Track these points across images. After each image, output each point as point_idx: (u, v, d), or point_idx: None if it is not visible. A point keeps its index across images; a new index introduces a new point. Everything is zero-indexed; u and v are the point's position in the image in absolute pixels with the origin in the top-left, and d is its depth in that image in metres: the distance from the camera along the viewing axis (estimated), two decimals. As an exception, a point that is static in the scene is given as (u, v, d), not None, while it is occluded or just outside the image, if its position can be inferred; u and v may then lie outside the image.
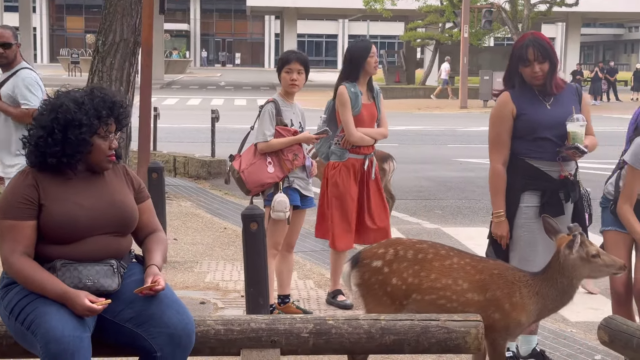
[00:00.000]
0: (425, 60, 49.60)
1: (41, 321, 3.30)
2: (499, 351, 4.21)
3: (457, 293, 4.16)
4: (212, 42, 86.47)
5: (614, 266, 4.07)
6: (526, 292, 4.13)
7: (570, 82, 5.09)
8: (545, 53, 4.72)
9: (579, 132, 4.65)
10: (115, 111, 3.55)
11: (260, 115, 5.85)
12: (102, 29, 11.64)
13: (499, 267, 4.27)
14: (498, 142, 4.84)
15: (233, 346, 3.74)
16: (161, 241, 3.74)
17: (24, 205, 3.44)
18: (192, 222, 9.55)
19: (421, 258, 4.25)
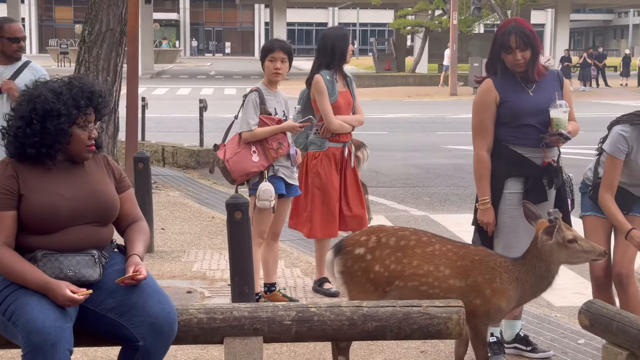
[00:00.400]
0: (415, 48, 49.57)
1: (22, 312, 3.29)
2: (481, 336, 4.23)
3: (439, 279, 4.18)
4: (202, 31, 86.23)
5: (593, 252, 4.07)
6: (506, 278, 4.14)
7: (554, 69, 5.09)
8: (528, 41, 4.72)
9: (562, 118, 4.66)
10: (94, 101, 3.54)
11: (244, 104, 5.84)
12: (89, 19, 11.61)
13: (480, 253, 4.28)
14: (482, 129, 4.85)
15: (216, 335, 3.74)
16: (143, 231, 3.74)
17: (3, 196, 3.43)
18: (180, 212, 9.54)
19: (403, 245, 4.26)
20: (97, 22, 11.47)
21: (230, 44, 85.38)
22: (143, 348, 3.46)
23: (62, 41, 54.82)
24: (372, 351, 5.11)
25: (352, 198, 6.38)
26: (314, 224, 6.25)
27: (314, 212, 6.24)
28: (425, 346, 5.17)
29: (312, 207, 6.24)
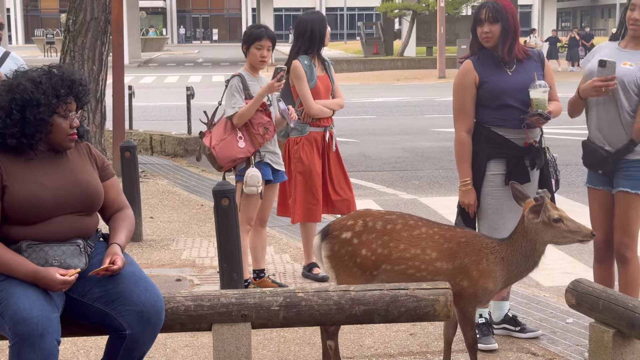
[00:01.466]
0: (402, 31, 49.48)
1: (8, 303, 3.29)
2: (469, 318, 4.24)
3: (426, 262, 4.18)
4: (189, 18, 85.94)
5: (579, 233, 4.03)
6: (493, 259, 4.14)
7: (536, 49, 5.07)
8: (498, 15, 4.71)
9: (542, 99, 4.66)
10: (74, 89, 3.52)
11: (226, 89, 5.82)
12: (73, 8, 11.57)
13: (467, 235, 4.29)
14: (462, 111, 4.85)
15: (204, 321, 3.75)
16: (127, 218, 3.73)
17: (-14, 187, 3.43)
18: (169, 200, 9.53)
19: (390, 229, 4.26)
20: (81, 11, 11.43)
21: (217, 30, 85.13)
22: (130, 337, 3.47)
23: (48, 31, 54.53)
24: (362, 335, 5.13)
25: (337, 181, 6.38)
26: (297, 209, 6.26)
27: (297, 198, 6.24)
28: (415, 329, 5.19)
29: (296, 192, 6.24)
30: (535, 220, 4.04)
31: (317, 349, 4.93)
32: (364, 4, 73.08)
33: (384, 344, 5.01)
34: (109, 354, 3.54)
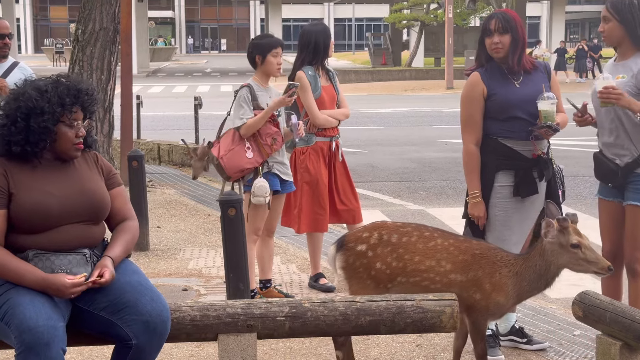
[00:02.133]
0: (410, 42, 49.53)
1: (15, 312, 3.29)
2: (480, 330, 4.22)
3: (441, 274, 4.15)
4: (197, 28, 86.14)
5: (596, 264, 3.94)
6: (506, 272, 4.10)
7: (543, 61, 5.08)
8: (507, 25, 4.71)
9: (550, 110, 4.64)
10: (80, 99, 3.53)
11: (235, 100, 5.83)
12: (82, 18, 11.62)
13: (482, 247, 4.25)
14: (470, 123, 4.84)
15: (210, 331, 3.74)
16: (128, 230, 3.70)
17: (-6, 195, 3.44)
18: (176, 210, 9.54)
19: (405, 241, 4.23)
20: (90, 21, 11.47)
21: (226, 41, 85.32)
22: (136, 346, 3.46)
23: (58, 41, 54.73)
24: (368, 346, 5.12)
25: (343, 191, 6.38)
26: (303, 219, 6.26)
27: (303, 207, 6.24)
28: (421, 340, 5.17)
29: (302, 202, 6.24)
30: (552, 240, 3.97)
31: (322, 359, 4.93)
32: (372, 14, 73.18)
33: (390, 355, 5.00)
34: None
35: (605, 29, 4.65)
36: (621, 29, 4.59)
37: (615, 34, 4.62)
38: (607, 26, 4.63)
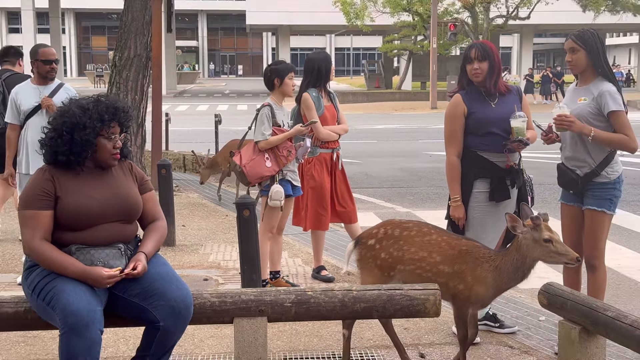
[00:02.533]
0: (400, 68, 49.56)
1: (59, 297, 3.29)
2: (462, 316, 4.16)
3: (431, 264, 4.13)
4: (218, 56, 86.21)
5: (566, 256, 3.88)
6: (487, 267, 4.04)
7: (515, 85, 5.07)
8: (485, 54, 4.73)
9: (521, 127, 4.65)
10: (117, 115, 3.54)
11: (257, 117, 5.84)
12: (119, 46, 11.63)
13: (468, 244, 4.19)
14: (453, 138, 4.84)
15: (226, 315, 3.75)
16: (158, 229, 3.71)
17: (42, 197, 3.44)
18: (199, 211, 9.53)
19: (405, 235, 4.23)
20: (126, 49, 11.49)
21: (242, 66, 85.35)
22: (164, 328, 3.47)
23: (98, 66, 54.83)
24: (363, 328, 5.10)
25: (341, 195, 6.40)
26: (308, 219, 6.27)
27: (309, 209, 6.25)
28: (408, 324, 5.16)
29: (308, 204, 6.25)
30: (527, 236, 3.92)
31: (324, 340, 4.91)
32: (367, 45, 73.22)
33: (382, 337, 4.98)
34: (145, 343, 3.54)
35: (573, 58, 4.62)
36: (587, 58, 4.57)
37: (582, 62, 4.59)
38: (574, 56, 4.61)
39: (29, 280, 3.48)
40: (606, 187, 4.58)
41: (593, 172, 4.58)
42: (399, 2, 39.36)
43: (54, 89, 6.37)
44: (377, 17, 39.97)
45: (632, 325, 3.45)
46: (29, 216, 3.43)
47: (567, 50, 4.65)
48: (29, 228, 3.42)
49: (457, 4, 38.16)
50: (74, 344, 3.22)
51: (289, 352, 4.70)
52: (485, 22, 37.73)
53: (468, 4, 37.13)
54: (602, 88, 4.56)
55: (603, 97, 4.52)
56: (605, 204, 4.57)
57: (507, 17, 38.79)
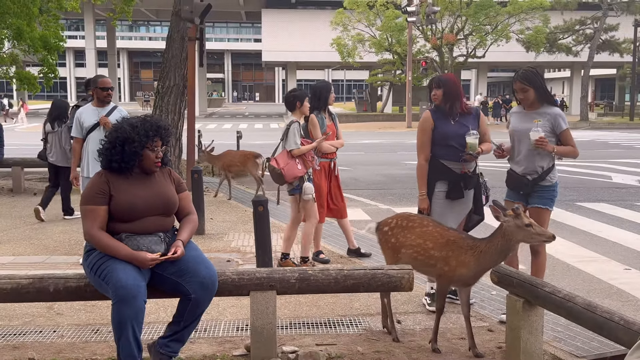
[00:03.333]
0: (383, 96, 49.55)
1: (112, 275, 3.28)
2: (442, 293, 4.09)
3: (424, 250, 4.07)
4: (239, 85, 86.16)
5: (544, 235, 3.74)
6: (471, 253, 3.91)
7: (475, 107, 5.02)
8: (440, 83, 4.77)
9: (474, 143, 4.63)
10: (160, 132, 3.52)
11: (289, 131, 5.87)
12: (161, 77, 11.63)
13: (455, 236, 4.06)
14: (423, 147, 4.83)
15: (244, 289, 3.73)
16: (191, 221, 3.67)
17: (99, 195, 3.42)
18: (223, 207, 9.49)
19: (410, 225, 4.20)
20: (167, 79, 11.48)
21: (259, 94, 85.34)
22: (194, 299, 3.44)
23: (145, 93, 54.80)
24: (352, 300, 5.08)
25: (334, 196, 6.42)
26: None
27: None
28: (388, 296, 5.12)
29: None
30: (510, 223, 3.76)
31: (321, 309, 4.88)
32: (357, 77, 73.25)
33: (367, 306, 4.96)
34: (179, 311, 3.52)
35: (525, 96, 4.54)
36: (534, 93, 4.53)
37: (531, 97, 4.54)
38: (525, 94, 4.54)
39: (88, 261, 3.45)
40: (549, 189, 4.56)
41: (540, 177, 4.55)
42: (382, 44, 39.36)
43: (109, 110, 6.36)
44: (365, 56, 39.97)
45: (564, 299, 3.42)
46: (89, 210, 3.41)
47: (518, 90, 4.56)
48: (88, 220, 3.40)
49: (428, 45, 38.16)
50: (123, 312, 3.20)
51: (294, 319, 4.68)
52: (449, 59, 37.73)
53: (436, 45, 37.13)
54: (554, 111, 4.55)
55: (556, 119, 4.52)
56: (548, 202, 4.56)
57: (467, 55, 38.80)
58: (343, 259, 6.31)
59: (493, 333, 4.38)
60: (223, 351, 4.00)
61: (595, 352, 3.99)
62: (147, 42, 78.24)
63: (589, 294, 5.43)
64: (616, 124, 37.00)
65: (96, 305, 4.85)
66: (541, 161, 4.55)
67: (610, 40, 39.34)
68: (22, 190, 11.00)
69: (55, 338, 4.26)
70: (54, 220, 8.36)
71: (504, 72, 75.53)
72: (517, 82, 4.56)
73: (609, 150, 20.93)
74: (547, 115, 4.56)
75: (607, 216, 9.11)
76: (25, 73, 13.17)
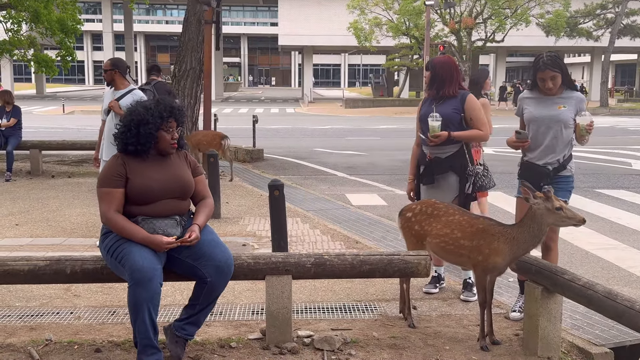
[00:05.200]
0: (400, 81, 49.24)
1: (128, 257, 3.27)
2: (481, 283, 3.88)
3: (453, 239, 3.93)
4: (256, 70, 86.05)
5: (575, 219, 3.59)
6: (504, 240, 3.76)
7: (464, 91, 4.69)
8: (429, 65, 4.67)
9: (432, 126, 4.47)
10: (173, 113, 3.49)
11: None
12: (178, 61, 11.62)
13: (485, 223, 3.90)
14: (416, 130, 4.82)
15: (260, 274, 3.72)
16: (207, 205, 3.65)
17: (116, 178, 3.41)
18: (239, 191, 9.48)
19: (435, 213, 4.07)
20: (183, 63, 11.47)
21: (274, 78, 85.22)
22: (210, 283, 3.44)
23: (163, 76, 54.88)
24: (367, 285, 5.05)
25: None
26: None
27: None
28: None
29: None
30: (540, 206, 3.61)
31: (336, 295, 4.86)
32: (374, 62, 72.72)
33: (383, 292, 4.94)
34: (195, 294, 3.52)
35: (554, 83, 4.25)
36: (561, 78, 4.27)
37: (559, 83, 4.27)
38: (554, 82, 4.24)
39: (105, 244, 3.46)
40: (568, 180, 4.33)
41: (562, 166, 4.30)
42: (400, 28, 39.02)
43: (124, 92, 6.33)
44: (382, 40, 39.67)
45: (584, 287, 3.37)
46: (105, 192, 3.40)
47: (547, 79, 4.24)
48: (105, 202, 3.39)
49: (446, 29, 37.77)
50: (139, 294, 3.20)
51: (309, 303, 4.67)
52: (468, 44, 37.33)
53: (454, 29, 36.74)
54: (578, 96, 4.33)
55: (581, 103, 4.30)
56: (566, 194, 4.31)
57: (486, 40, 38.36)
58: (359, 244, 6.28)
59: (510, 320, 4.34)
60: (238, 334, 4.01)
61: (615, 340, 3.94)
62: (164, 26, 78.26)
63: (608, 282, 5.36)
64: (637, 110, 36.47)
65: (113, 287, 4.87)
66: (564, 149, 4.31)
67: (632, 25, 38.68)
68: (40, 172, 11.09)
69: (72, 319, 4.29)
70: (73, 203, 8.41)
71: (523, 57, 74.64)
72: (546, 71, 4.22)
73: (629, 136, 20.64)
74: (572, 99, 4.30)
75: (627, 203, 8.99)
76: (43, 56, 13.22)
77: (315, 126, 24.20)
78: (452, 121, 4.56)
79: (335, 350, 3.75)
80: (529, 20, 36.90)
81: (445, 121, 4.53)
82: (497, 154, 14.42)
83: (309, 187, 10.31)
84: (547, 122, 4.30)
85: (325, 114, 32.80)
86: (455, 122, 4.56)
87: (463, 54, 36.86)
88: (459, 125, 4.58)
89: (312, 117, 29.90)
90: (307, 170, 12.35)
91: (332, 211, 7.96)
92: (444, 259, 4.06)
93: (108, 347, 3.76)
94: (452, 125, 4.55)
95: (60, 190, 9.39)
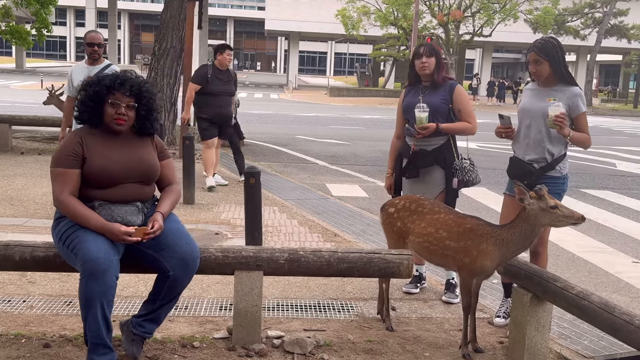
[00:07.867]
0: (385, 71, 48.95)
1: (81, 246, 2.95)
2: (466, 287, 3.61)
3: (437, 239, 3.64)
4: (241, 54, 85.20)
5: (572, 217, 3.32)
6: (493, 241, 3.49)
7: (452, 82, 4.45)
8: (433, 51, 4.35)
9: (420, 117, 4.22)
10: (124, 86, 3.14)
11: None
12: (158, 39, 11.24)
13: (472, 222, 3.62)
14: (396, 123, 4.58)
15: (228, 268, 3.43)
16: (173, 191, 3.34)
17: (71, 157, 3.08)
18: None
19: (419, 210, 3.78)
20: (164, 41, 11.08)
21: (260, 63, 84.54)
22: (172, 277, 3.14)
23: (145, 56, 54.24)
24: (345, 283, 4.79)
25: None
26: None
27: None
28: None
29: None
30: (534, 206, 3.37)
31: (311, 291, 4.59)
32: (360, 51, 72.40)
33: (360, 290, 4.67)
34: (156, 289, 3.21)
35: (537, 70, 3.95)
36: (549, 67, 3.94)
37: (545, 71, 3.96)
38: (538, 67, 3.95)
39: (57, 230, 3.13)
40: (557, 181, 3.99)
41: (549, 166, 3.98)
42: (388, 17, 38.71)
43: (101, 68, 6.01)
44: (370, 29, 39.37)
45: (578, 296, 3.12)
46: (59, 173, 3.07)
47: (531, 62, 3.97)
48: (58, 183, 3.07)
49: (434, 21, 37.54)
50: (91, 288, 2.88)
51: (282, 300, 4.38)
52: (455, 37, 37.15)
53: (443, 22, 36.53)
54: (574, 91, 3.97)
55: (574, 99, 3.94)
56: (555, 197, 4.06)
57: (473, 34, 38.21)
58: (337, 237, 6.00)
59: (493, 326, 4.10)
60: (203, 332, 3.71)
61: (604, 352, 3.71)
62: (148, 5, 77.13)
63: (596, 288, 5.15)
64: (620, 110, 36.70)
65: (72, 275, 4.52)
66: (552, 147, 3.98)
67: (619, 26, 38.77)
68: (9, 148, 10.65)
69: (24, 309, 3.96)
70: (39, 182, 8.02)
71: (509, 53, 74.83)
72: (531, 53, 3.96)
73: (613, 137, 20.62)
74: (565, 93, 3.96)
75: (613, 205, 8.82)
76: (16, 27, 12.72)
77: (299, 113, 23.80)
78: (440, 112, 4.31)
79: (307, 354, 3.47)
80: (517, 16, 36.82)
81: (433, 112, 4.27)
82: (481, 148, 14.22)
83: (289, 175, 10.02)
84: (532, 115, 4.01)
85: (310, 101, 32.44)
86: (443, 113, 4.32)
87: (450, 47, 36.68)
88: (447, 117, 4.32)
89: (296, 104, 29.48)
90: (288, 158, 12.04)
91: (311, 201, 7.68)
92: (427, 259, 3.78)
93: (58, 342, 3.44)
94: (440, 116, 4.30)
95: (28, 168, 8.99)
